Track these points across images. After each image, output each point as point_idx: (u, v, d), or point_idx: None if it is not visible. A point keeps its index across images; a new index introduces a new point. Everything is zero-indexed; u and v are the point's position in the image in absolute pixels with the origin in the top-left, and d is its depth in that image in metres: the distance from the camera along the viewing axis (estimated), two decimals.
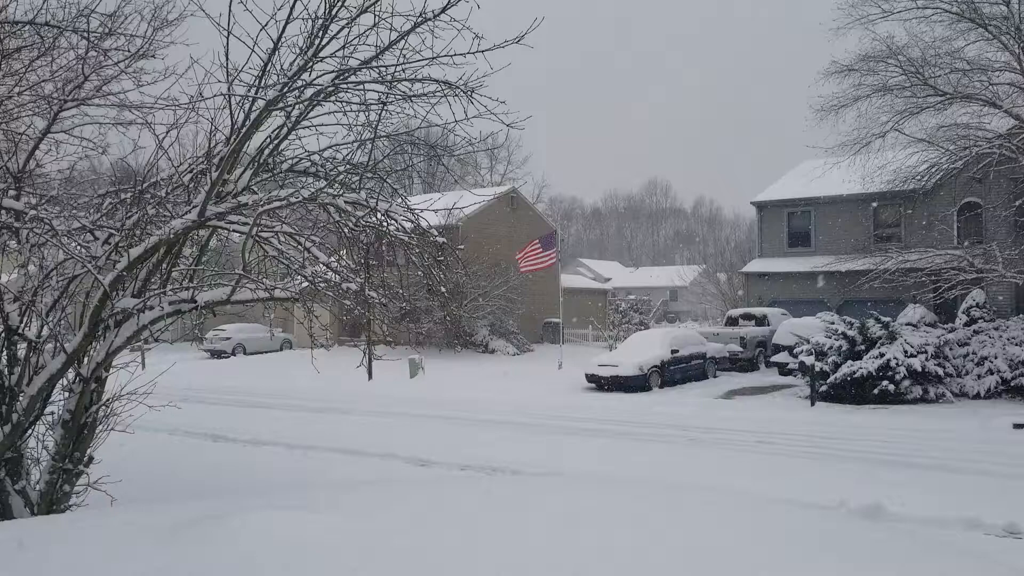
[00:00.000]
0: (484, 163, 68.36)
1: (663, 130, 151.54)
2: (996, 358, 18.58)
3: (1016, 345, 18.62)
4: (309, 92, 6.40)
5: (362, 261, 7.42)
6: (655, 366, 21.77)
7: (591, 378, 22.10)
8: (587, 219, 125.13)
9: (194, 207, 6.25)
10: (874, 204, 28.72)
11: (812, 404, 18.34)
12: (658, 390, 21.46)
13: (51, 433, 6.83)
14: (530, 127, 6.62)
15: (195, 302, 6.49)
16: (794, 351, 21.02)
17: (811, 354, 19.32)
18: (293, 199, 6.45)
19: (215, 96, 6.39)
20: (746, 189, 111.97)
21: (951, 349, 19.27)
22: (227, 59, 6.01)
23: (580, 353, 30.15)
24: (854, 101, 21.24)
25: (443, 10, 6.00)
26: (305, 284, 6.93)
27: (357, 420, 16.96)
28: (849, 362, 18.78)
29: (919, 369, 18.15)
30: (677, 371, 22.47)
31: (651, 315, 53.53)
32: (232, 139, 6.35)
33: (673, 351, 22.47)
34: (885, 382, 18.14)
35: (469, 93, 6.31)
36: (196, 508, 4.42)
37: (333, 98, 6.60)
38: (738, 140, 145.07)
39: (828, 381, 18.89)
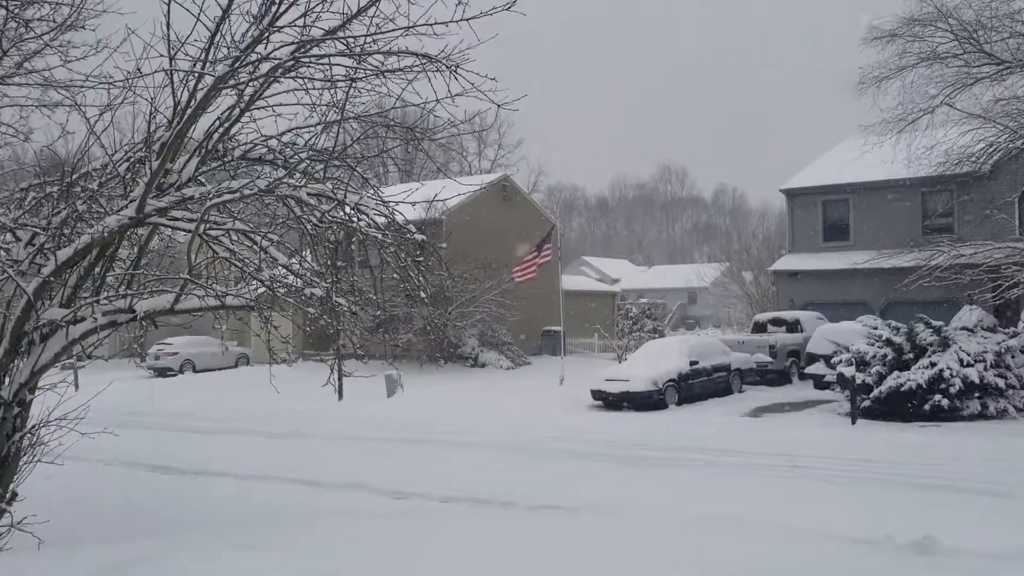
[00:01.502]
0: (471, 147, 68.46)
1: (678, 110, 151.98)
2: None
3: None
4: (265, 67, 6.41)
5: (328, 262, 7.42)
6: (671, 380, 21.84)
7: (597, 395, 22.15)
8: (591, 211, 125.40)
9: (131, 201, 6.25)
10: (922, 190, 28.79)
11: (853, 422, 18.41)
12: (675, 407, 21.53)
13: None
14: (525, 106, 6.63)
15: (134, 312, 6.49)
16: (832, 361, 21.08)
17: (851, 364, 19.38)
18: (247, 191, 6.46)
19: (155, 72, 6.39)
20: (774, 175, 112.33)
21: (1013, 357, 19.33)
22: (169, 29, 6.02)
23: (584, 366, 30.15)
24: (898, 72, 21.33)
25: None
26: (262, 290, 6.94)
27: (324, 446, 16.96)
28: (895, 373, 18.84)
29: (976, 380, 18.22)
30: (696, 385, 22.54)
31: (666, 321, 53.63)
32: (175, 122, 6.35)
33: (692, 363, 22.55)
34: (937, 396, 18.20)
35: (452, 68, 6.32)
36: (133, 549, 4.42)
37: (293, 74, 6.62)
38: (764, 119, 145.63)
39: (871, 395, 18.95)
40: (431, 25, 6.14)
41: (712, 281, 55.08)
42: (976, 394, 18.46)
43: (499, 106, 6.40)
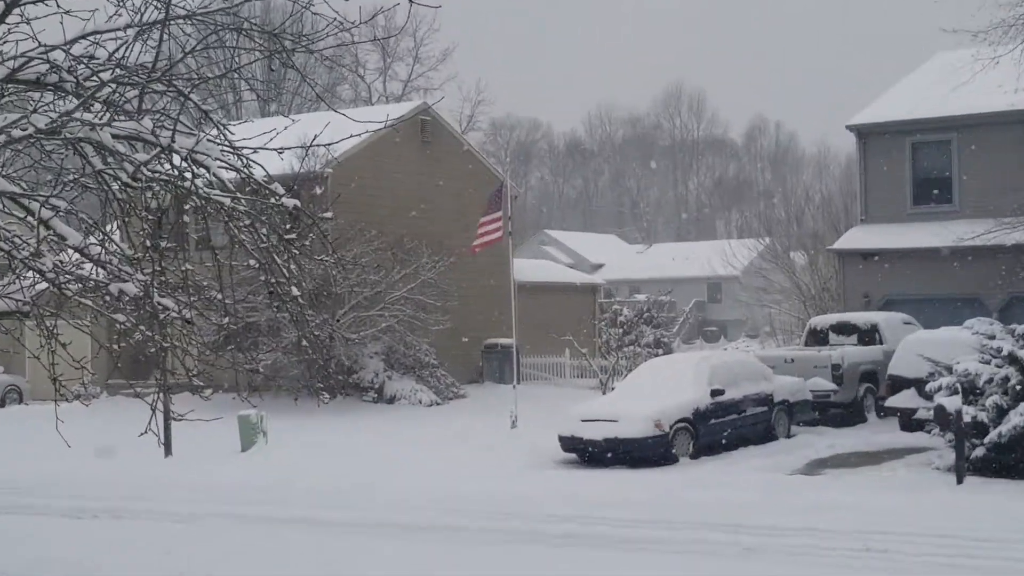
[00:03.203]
0: (371, 62, 68.24)
1: (694, 7, 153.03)
2: None
3: None
4: None
5: (148, 243, 7.36)
6: (683, 419, 21.93)
7: (570, 443, 22.18)
8: (559, 159, 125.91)
9: None
10: None
11: (959, 481, 18.65)
12: (689, 461, 21.64)
13: None
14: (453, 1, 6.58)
15: None
16: (927, 388, 21.34)
17: (956, 393, 19.61)
18: (17, 132, 6.38)
19: None
20: (837, 104, 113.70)
21: None
22: None
23: (550, 398, 30.23)
24: None
25: None
26: (43, 286, 6.86)
27: (146, 530, 16.81)
28: (1022, 406, 19.13)
29: None
30: (722, 427, 22.70)
31: (676, 328, 54.10)
32: None
33: (715, 392, 22.66)
34: None
35: None
36: None
37: None
38: (820, 23, 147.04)
39: (986, 440, 19.19)
40: None
41: (745, 267, 55.56)
42: None
43: (412, 1, 6.40)
